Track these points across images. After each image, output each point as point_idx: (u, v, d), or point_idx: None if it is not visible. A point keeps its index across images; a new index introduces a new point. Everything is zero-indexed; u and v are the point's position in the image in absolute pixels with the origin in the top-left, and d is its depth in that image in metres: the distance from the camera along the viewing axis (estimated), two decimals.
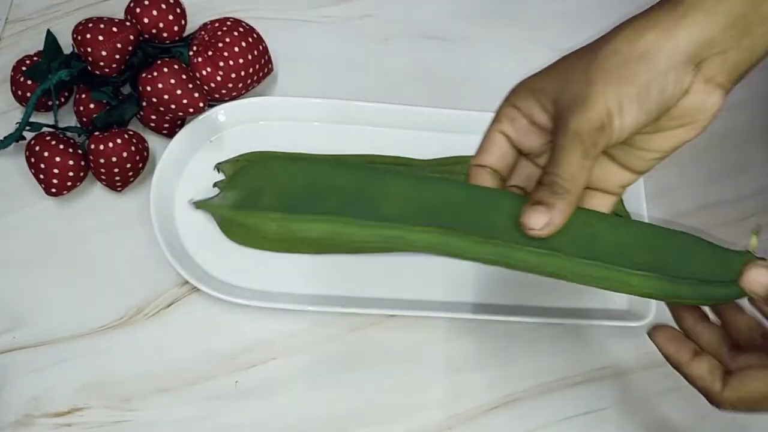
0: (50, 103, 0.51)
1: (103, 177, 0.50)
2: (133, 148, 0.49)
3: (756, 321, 0.35)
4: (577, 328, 0.49)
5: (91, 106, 0.51)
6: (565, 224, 0.32)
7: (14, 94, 0.52)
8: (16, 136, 0.50)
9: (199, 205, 0.45)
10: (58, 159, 0.48)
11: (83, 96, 0.51)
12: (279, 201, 0.34)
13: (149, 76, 0.48)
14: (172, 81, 0.47)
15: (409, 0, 0.61)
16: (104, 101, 0.50)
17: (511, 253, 0.33)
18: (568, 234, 0.33)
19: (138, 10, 0.49)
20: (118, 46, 0.48)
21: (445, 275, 0.50)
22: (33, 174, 0.49)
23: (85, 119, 0.51)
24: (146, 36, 0.50)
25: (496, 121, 0.36)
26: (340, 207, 0.34)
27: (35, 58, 0.51)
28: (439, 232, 0.33)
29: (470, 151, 0.53)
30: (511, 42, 0.60)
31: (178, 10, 0.50)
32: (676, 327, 0.37)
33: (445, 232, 0.33)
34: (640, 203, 0.52)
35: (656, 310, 0.48)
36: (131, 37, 0.48)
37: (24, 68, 0.51)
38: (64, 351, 0.47)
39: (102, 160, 0.48)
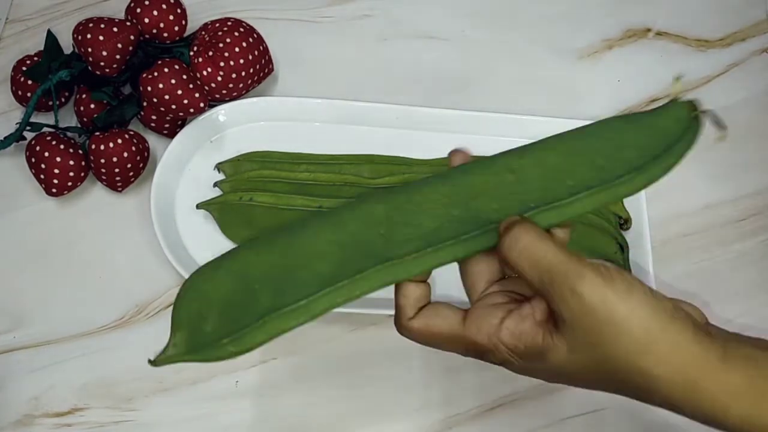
0: (51, 103, 0.51)
1: (104, 177, 0.50)
2: (133, 149, 0.49)
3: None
4: None
5: (92, 106, 0.51)
6: (488, 183, 0.32)
7: (14, 94, 0.52)
8: (16, 136, 0.50)
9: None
10: (58, 159, 0.48)
11: (84, 96, 0.51)
12: (221, 323, 0.30)
13: (150, 76, 0.48)
14: (173, 81, 0.48)
15: (409, 0, 0.61)
16: (105, 101, 0.50)
17: (452, 250, 0.31)
18: (496, 197, 0.32)
19: (138, 10, 0.49)
20: (119, 46, 0.48)
21: (444, 273, 0.50)
22: (33, 174, 0.49)
23: (85, 119, 0.51)
24: (147, 36, 0.50)
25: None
26: (273, 300, 0.30)
27: (35, 58, 0.52)
28: (375, 270, 0.30)
29: (470, 151, 0.54)
30: (511, 42, 0.60)
31: (179, 10, 0.50)
32: None
33: (382, 268, 0.31)
34: (641, 203, 0.52)
35: None
36: (132, 37, 0.48)
37: (24, 68, 0.51)
38: (64, 351, 0.47)
39: (102, 160, 0.48)
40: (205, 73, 0.49)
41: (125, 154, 0.49)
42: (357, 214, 0.32)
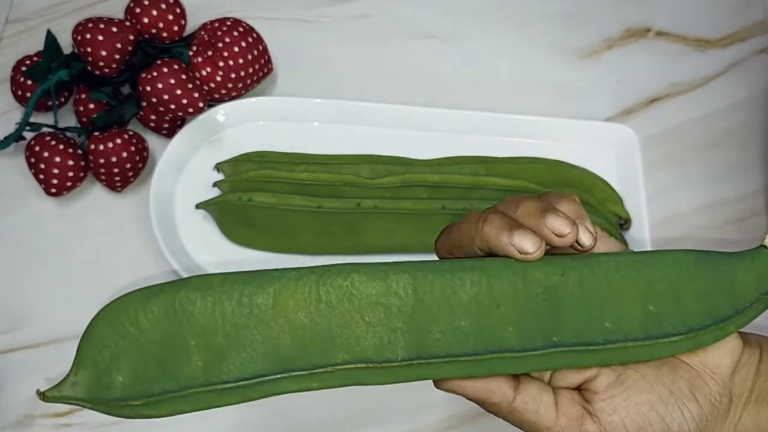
0: (50, 103, 0.51)
1: (103, 177, 0.50)
2: (132, 149, 0.49)
3: None
4: None
5: (91, 106, 0.51)
6: (513, 294, 0.26)
7: (14, 94, 0.52)
8: (16, 136, 0.50)
9: None
10: (58, 159, 0.48)
11: (83, 96, 0.51)
12: (137, 378, 0.25)
13: (149, 76, 0.48)
14: (172, 81, 0.47)
15: (408, 0, 0.61)
16: (104, 101, 0.50)
17: (442, 369, 0.26)
18: (517, 317, 0.26)
19: (138, 10, 0.49)
20: (118, 46, 0.48)
21: None
22: (33, 174, 0.49)
23: (84, 119, 0.51)
24: (146, 36, 0.50)
25: None
26: (207, 369, 0.25)
27: (35, 58, 0.52)
28: (343, 369, 0.25)
29: (470, 151, 0.54)
30: (511, 42, 0.60)
31: (178, 10, 0.50)
32: None
33: (353, 369, 0.25)
34: (640, 204, 0.52)
35: None
36: (131, 37, 0.48)
37: (24, 68, 0.51)
38: (64, 351, 0.47)
39: (102, 160, 0.48)
40: (204, 72, 0.49)
41: (124, 154, 0.49)
42: (344, 288, 0.25)
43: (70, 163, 0.48)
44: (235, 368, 0.25)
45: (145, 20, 0.49)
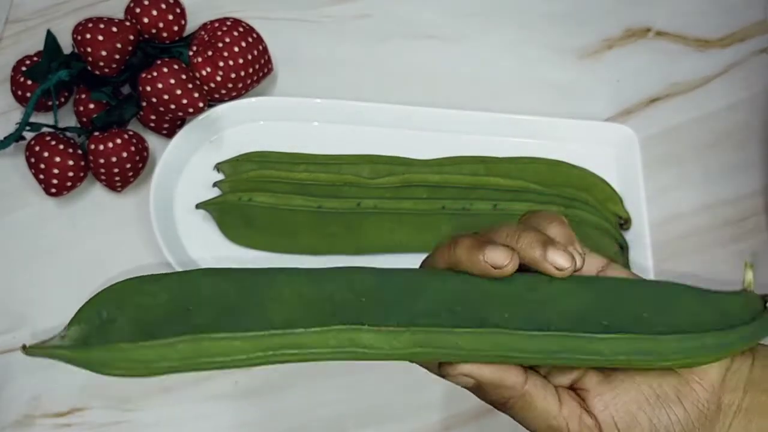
0: (50, 103, 0.51)
1: (103, 177, 0.50)
2: (132, 148, 0.49)
3: None
4: None
5: (91, 106, 0.51)
6: (504, 292, 0.28)
7: (14, 94, 0.52)
8: (16, 136, 0.50)
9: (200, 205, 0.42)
10: (58, 159, 0.48)
11: (83, 96, 0.51)
12: (133, 328, 0.25)
13: (149, 76, 0.48)
14: (172, 81, 0.47)
15: (408, 0, 0.61)
16: (104, 101, 0.50)
17: (439, 339, 0.26)
18: (510, 303, 0.27)
19: (138, 10, 0.49)
20: (118, 46, 0.48)
21: None
22: (33, 174, 0.49)
23: (84, 119, 0.51)
24: (146, 36, 0.50)
25: None
26: (209, 322, 0.25)
27: (35, 58, 0.52)
28: (339, 329, 0.26)
29: (470, 151, 0.54)
30: (511, 42, 0.60)
31: (178, 10, 0.51)
32: None
33: (348, 329, 0.26)
34: (640, 204, 0.52)
35: None
36: (131, 37, 0.48)
37: (24, 68, 0.51)
38: None
39: (102, 160, 0.48)
40: (204, 72, 0.49)
41: (124, 154, 0.49)
42: (341, 277, 0.28)
43: (70, 163, 0.48)
44: (229, 325, 0.26)
45: (145, 20, 0.49)
